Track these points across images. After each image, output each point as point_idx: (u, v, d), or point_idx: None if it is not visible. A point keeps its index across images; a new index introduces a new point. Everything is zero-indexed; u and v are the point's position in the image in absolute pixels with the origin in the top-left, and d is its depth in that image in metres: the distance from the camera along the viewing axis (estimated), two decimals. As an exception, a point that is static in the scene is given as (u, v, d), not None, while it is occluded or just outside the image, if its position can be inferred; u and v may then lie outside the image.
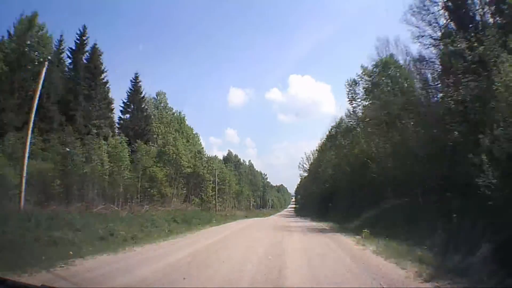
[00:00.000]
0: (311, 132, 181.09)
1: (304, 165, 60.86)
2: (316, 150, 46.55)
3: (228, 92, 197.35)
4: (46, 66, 14.94)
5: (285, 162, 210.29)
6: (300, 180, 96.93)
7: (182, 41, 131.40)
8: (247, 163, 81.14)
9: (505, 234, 6.03)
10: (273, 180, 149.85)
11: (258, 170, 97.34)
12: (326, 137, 37.37)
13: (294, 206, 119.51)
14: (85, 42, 28.82)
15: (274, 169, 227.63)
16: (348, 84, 24.12)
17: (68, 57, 28.37)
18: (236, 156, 70.34)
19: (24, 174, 12.04)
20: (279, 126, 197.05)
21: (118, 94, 63.46)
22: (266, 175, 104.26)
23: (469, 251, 6.06)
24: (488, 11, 13.48)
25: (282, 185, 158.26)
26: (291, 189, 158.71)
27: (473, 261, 5.72)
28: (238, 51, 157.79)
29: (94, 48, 29.06)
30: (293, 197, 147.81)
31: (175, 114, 39.64)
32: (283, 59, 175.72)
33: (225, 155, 68.53)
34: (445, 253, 6.79)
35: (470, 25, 13.53)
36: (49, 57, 23.44)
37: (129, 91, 35.34)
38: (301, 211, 70.66)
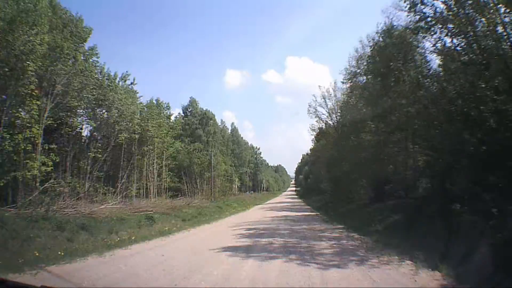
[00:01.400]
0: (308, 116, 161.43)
1: (317, 110, 28.63)
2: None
3: (225, 74, 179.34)
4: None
5: (283, 144, 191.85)
6: (301, 158, 71.17)
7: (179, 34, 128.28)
8: (229, 127, 54.20)
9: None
10: (271, 162, 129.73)
11: (250, 143, 71.31)
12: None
13: (294, 189, 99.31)
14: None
15: (273, 152, 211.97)
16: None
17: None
18: (207, 112, 41.80)
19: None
20: (276, 108, 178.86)
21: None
22: (259, 148, 78.05)
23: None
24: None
25: (280, 165, 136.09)
26: (290, 171, 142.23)
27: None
28: (233, 33, 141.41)
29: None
30: (293, 179, 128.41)
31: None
32: (280, 41, 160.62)
33: (185, 104, 40.87)
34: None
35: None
36: None
37: None
38: (309, 196, 46.64)
